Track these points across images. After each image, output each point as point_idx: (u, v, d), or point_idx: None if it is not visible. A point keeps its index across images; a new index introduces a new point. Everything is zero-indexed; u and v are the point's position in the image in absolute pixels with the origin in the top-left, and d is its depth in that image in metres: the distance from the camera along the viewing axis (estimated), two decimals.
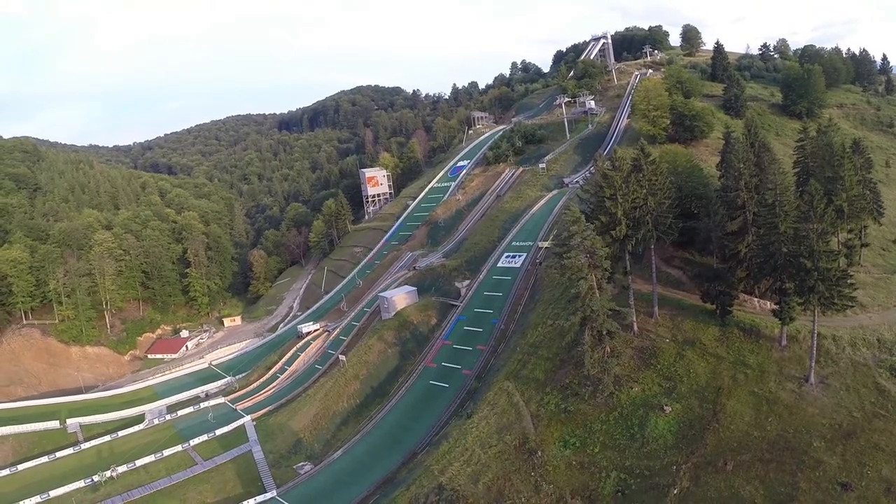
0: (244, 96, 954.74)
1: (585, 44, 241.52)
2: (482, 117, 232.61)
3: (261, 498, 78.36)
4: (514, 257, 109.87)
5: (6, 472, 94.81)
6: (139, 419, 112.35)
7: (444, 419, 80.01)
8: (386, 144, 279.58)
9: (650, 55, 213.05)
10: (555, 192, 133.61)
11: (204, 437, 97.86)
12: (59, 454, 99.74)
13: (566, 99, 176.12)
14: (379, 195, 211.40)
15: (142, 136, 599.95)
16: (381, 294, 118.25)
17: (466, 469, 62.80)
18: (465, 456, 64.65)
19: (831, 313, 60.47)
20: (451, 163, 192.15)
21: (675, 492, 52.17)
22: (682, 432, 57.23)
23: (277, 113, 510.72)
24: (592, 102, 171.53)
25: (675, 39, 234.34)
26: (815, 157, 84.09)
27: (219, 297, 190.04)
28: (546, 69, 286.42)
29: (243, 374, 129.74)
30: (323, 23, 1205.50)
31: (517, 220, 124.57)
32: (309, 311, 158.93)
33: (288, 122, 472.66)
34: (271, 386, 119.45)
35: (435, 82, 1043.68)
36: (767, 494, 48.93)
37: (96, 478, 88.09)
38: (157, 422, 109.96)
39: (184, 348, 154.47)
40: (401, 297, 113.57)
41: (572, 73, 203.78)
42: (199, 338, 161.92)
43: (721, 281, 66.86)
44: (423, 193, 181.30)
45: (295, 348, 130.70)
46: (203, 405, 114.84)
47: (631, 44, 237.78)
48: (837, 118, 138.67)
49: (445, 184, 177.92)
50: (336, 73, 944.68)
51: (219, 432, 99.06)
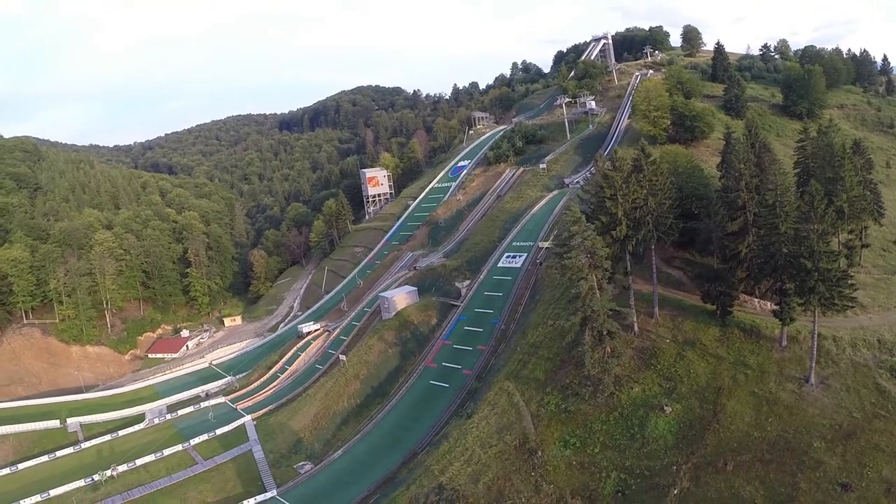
0: (244, 96, 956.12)
1: (586, 44, 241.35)
2: (483, 117, 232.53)
3: (261, 497, 78.43)
4: (514, 257, 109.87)
5: (6, 471, 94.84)
6: (139, 418, 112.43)
7: (445, 419, 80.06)
8: (386, 144, 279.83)
9: (651, 56, 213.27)
10: (555, 192, 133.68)
11: (204, 437, 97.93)
12: (60, 453, 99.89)
13: (567, 99, 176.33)
14: (379, 195, 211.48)
15: (142, 136, 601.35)
16: (382, 294, 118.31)
17: (467, 469, 62.83)
18: (466, 456, 64.68)
19: (832, 314, 60.53)
20: (452, 163, 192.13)
21: (676, 492, 52.20)
22: (682, 432, 57.26)
23: (278, 113, 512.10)
24: (593, 103, 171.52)
25: (675, 40, 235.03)
26: (815, 157, 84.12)
27: (219, 297, 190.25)
28: (547, 69, 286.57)
29: (244, 374, 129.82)
30: (323, 23, 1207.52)
31: (518, 221, 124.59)
32: (309, 310, 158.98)
33: (288, 122, 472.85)
34: (272, 385, 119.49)
35: (435, 82, 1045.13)
36: (768, 495, 48.94)
37: (96, 477, 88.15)
38: (157, 421, 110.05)
39: (184, 348, 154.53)
40: (401, 297, 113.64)
41: (573, 73, 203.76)
42: (199, 337, 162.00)
43: (721, 281, 66.95)
44: (423, 193, 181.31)
45: (295, 348, 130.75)
46: (203, 405, 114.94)
47: (631, 44, 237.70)
48: (838, 119, 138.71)
49: (446, 184, 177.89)
50: (337, 73, 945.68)
51: (219, 432, 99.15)
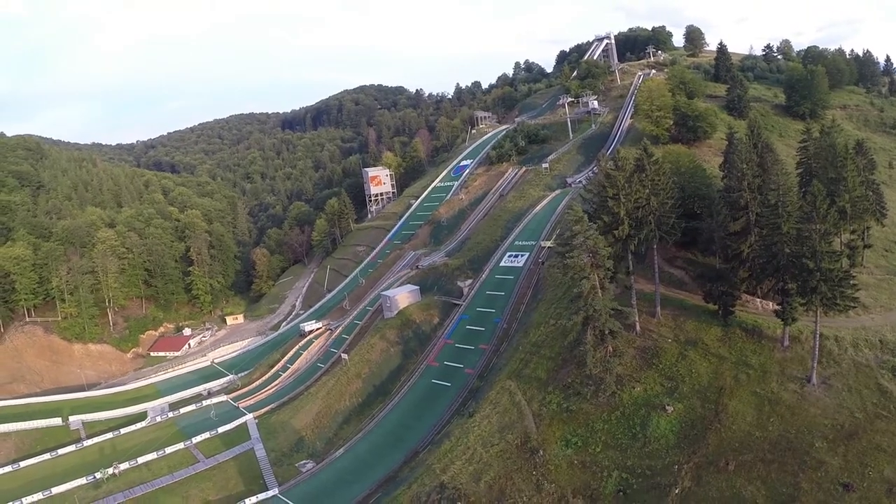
0: (245, 96, 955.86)
1: (589, 44, 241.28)
2: (485, 117, 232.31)
3: (263, 496, 78.49)
4: (516, 257, 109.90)
5: (9, 468, 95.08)
6: (141, 416, 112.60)
7: (447, 418, 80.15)
8: (389, 144, 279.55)
9: (653, 55, 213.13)
10: (558, 191, 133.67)
11: (206, 435, 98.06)
12: (62, 451, 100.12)
13: (569, 99, 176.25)
14: (382, 194, 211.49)
15: (144, 136, 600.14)
16: (384, 293, 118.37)
17: (468, 468, 62.91)
18: (467, 455, 64.77)
19: (834, 314, 60.50)
20: (454, 162, 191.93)
21: (677, 491, 52.22)
22: (683, 432, 57.29)
23: (280, 112, 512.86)
24: (595, 102, 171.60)
25: (678, 40, 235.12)
26: (818, 158, 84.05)
27: (221, 296, 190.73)
28: (549, 69, 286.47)
29: (245, 373, 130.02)
30: (323, 23, 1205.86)
31: (520, 220, 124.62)
32: (311, 309, 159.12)
33: (291, 121, 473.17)
34: (273, 384, 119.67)
35: (438, 82, 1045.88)
36: (769, 495, 48.94)
37: (98, 475, 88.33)
38: (159, 419, 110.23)
39: (186, 346, 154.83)
40: (403, 296, 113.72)
41: (575, 73, 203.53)
42: (201, 336, 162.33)
43: (723, 281, 66.94)
44: (425, 193, 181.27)
45: (297, 347, 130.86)
46: (205, 403, 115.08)
47: (634, 44, 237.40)
48: (840, 119, 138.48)
49: (448, 183, 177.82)
50: (337, 73, 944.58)
51: (221, 430, 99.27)
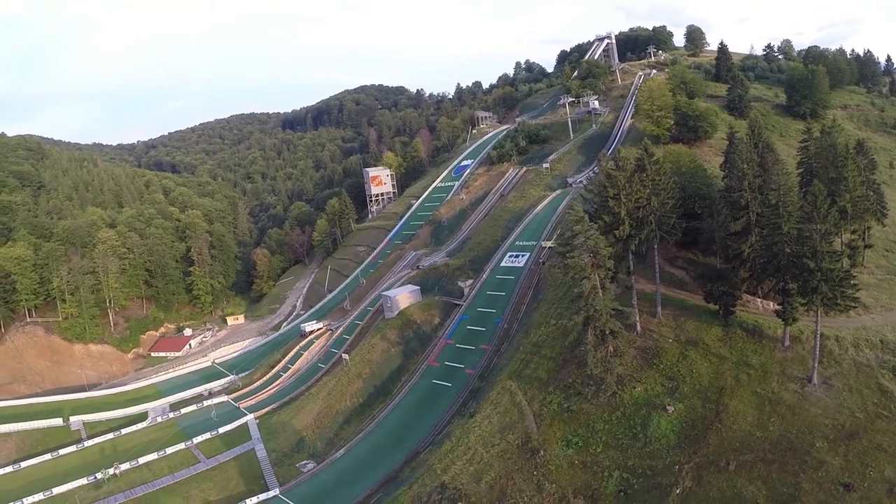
0: (245, 96, 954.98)
1: (589, 44, 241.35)
2: (486, 117, 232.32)
3: (264, 496, 78.59)
4: (517, 257, 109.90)
5: (9, 469, 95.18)
6: (142, 417, 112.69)
7: (447, 418, 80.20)
8: (390, 144, 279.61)
9: (654, 55, 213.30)
10: (558, 191, 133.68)
11: (207, 435, 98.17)
12: (63, 452, 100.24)
13: (570, 99, 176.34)
14: (382, 194, 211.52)
15: (145, 136, 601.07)
16: (385, 293, 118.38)
17: (469, 468, 62.89)
18: (468, 455, 64.76)
19: (834, 314, 60.34)
20: (455, 162, 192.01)
21: (678, 491, 52.17)
22: (684, 432, 57.23)
23: (281, 112, 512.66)
24: (596, 102, 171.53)
25: (679, 40, 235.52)
26: (818, 157, 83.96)
27: (222, 296, 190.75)
28: (550, 69, 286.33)
29: (246, 373, 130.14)
30: (323, 23, 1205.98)
31: (521, 220, 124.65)
32: (312, 309, 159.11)
33: (292, 122, 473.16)
34: (274, 384, 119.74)
35: (438, 82, 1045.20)
36: (770, 494, 48.89)
37: (99, 475, 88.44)
38: (160, 420, 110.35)
39: (187, 346, 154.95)
40: (404, 297, 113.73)
41: (576, 73, 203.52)
42: (202, 336, 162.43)
43: (724, 281, 66.85)
44: (426, 193, 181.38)
45: (298, 347, 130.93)
46: (206, 403, 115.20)
47: (635, 44, 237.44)
48: (841, 119, 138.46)
49: (449, 183, 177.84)
50: (337, 73, 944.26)
51: (222, 430, 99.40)
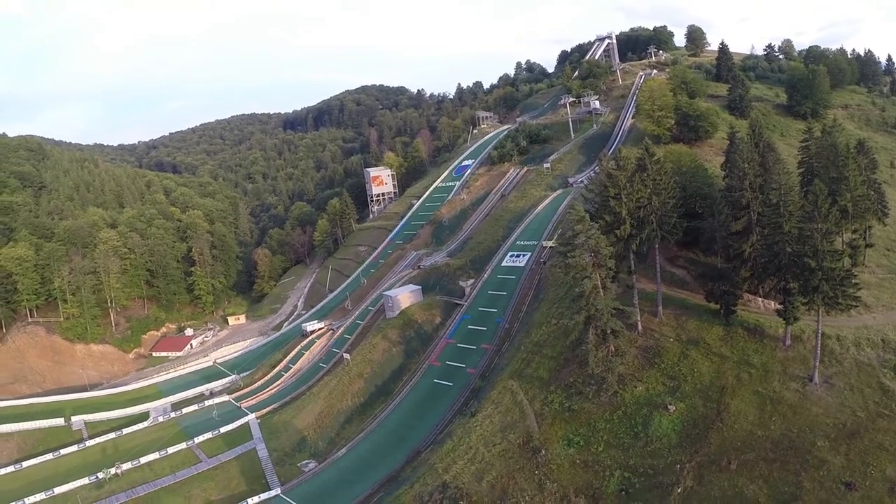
0: (246, 96, 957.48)
1: (590, 44, 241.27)
2: (487, 117, 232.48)
3: (265, 495, 78.70)
4: (518, 256, 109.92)
5: (11, 468, 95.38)
6: (144, 417, 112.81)
7: (449, 418, 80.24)
8: (390, 144, 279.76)
9: (655, 55, 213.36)
10: (559, 191, 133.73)
11: (208, 435, 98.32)
12: (64, 451, 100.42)
13: (571, 99, 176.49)
14: (383, 194, 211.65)
15: (143, 136, 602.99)
16: (386, 293, 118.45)
17: (470, 467, 62.93)
18: (469, 454, 64.80)
19: (835, 313, 60.52)
20: (456, 162, 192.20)
21: (679, 491, 52.20)
22: (685, 431, 57.27)
23: (282, 112, 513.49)
24: (597, 102, 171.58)
25: (679, 40, 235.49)
26: (819, 157, 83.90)
27: (223, 296, 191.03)
28: (551, 69, 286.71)
29: (248, 373, 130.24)
30: (323, 23, 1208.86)
31: (522, 220, 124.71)
32: (313, 309, 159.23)
33: (293, 122, 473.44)
34: (276, 384, 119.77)
35: (438, 82, 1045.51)
36: (771, 494, 48.93)
37: (101, 475, 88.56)
38: (161, 419, 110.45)
39: (188, 346, 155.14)
40: (405, 296, 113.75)
41: (577, 73, 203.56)
42: (203, 336, 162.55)
43: (725, 280, 66.87)
44: (427, 193, 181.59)
45: (299, 347, 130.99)
46: (207, 403, 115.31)
47: (636, 44, 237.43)
48: (842, 119, 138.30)
49: (450, 183, 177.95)
50: (337, 73, 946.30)
51: (223, 430, 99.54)
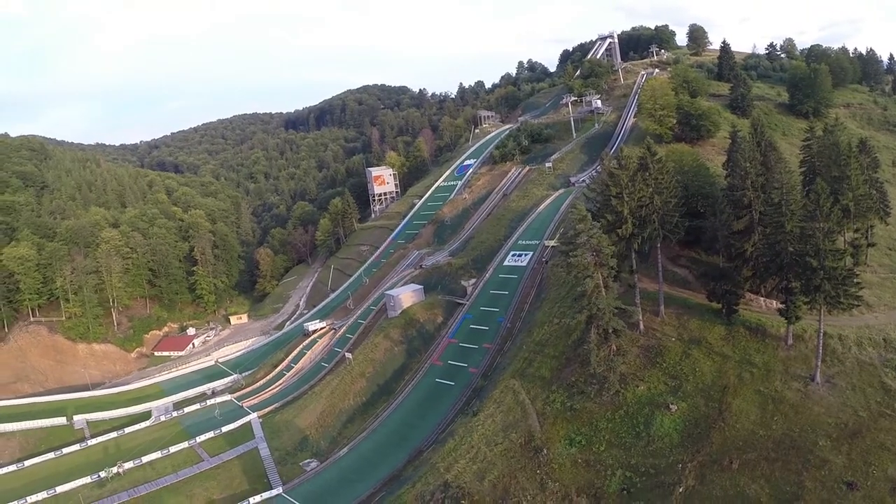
0: (246, 96, 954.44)
1: (592, 43, 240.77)
2: (488, 116, 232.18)
3: (267, 494, 78.81)
4: (520, 256, 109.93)
5: (13, 467, 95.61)
6: (146, 416, 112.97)
7: (450, 417, 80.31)
8: (392, 143, 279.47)
9: (656, 55, 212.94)
10: (561, 190, 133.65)
11: (210, 434, 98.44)
12: (66, 450, 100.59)
13: (572, 98, 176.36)
14: (385, 194, 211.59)
15: (147, 136, 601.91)
16: (388, 292, 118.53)
17: (472, 466, 62.95)
18: (471, 453, 64.80)
19: (837, 312, 60.48)
20: (458, 162, 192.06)
21: (681, 490, 52.21)
22: (687, 431, 57.28)
23: (284, 112, 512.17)
24: (599, 102, 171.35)
25: (681, 39, 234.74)
26: (821, 156, 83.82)
27: (225, 295, 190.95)
28: (552, 69, 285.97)
29: (250, 372, 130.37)
30: (323, 23, 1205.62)
31: (524, 219, 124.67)
32: (315, 309, 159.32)
33: (294, 121, 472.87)
34: (278, 383, 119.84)
35: (439, 82, 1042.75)
36: (773, 493, 48.93)
37: (103, 474, 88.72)
38: (163, 418, 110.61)
39: (190, 346, 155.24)
40: (407, 296, 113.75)
41: (579, 72, 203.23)
42: (205, 335, 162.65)
43: (727, 280, 66.84)
44: (429, 192, 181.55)
45: (301, 346, 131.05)
46: (209, 402, 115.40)
47: (637, 43, 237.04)
48: (844, 118, 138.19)
49: (452, 182, 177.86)
50: (340, 72, 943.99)
51: (225, 429, 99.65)
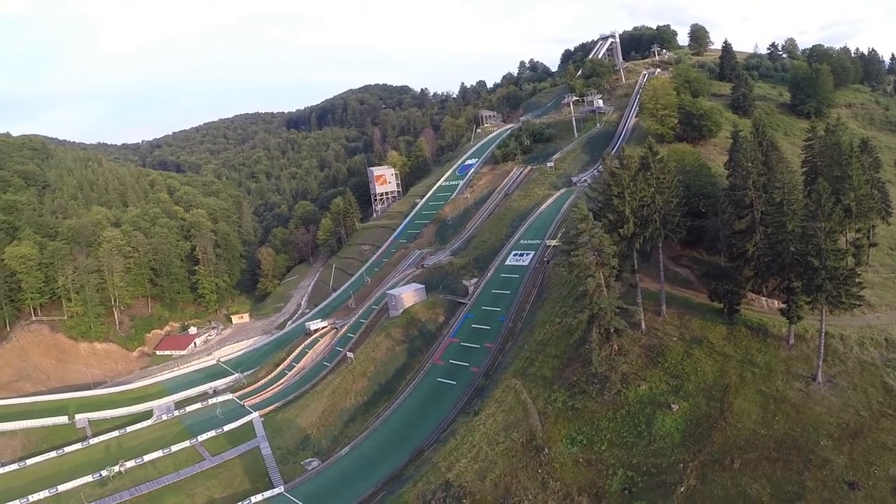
0: (247, 96, 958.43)
1: (593, 43, 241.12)
2: (490, 116, 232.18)
3: (268, 493, 78.78)
4: (522, 255, 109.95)
5: (15, 466, 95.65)
6: (147, 415, 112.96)
7: (452, 416, 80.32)
8: (394, 143, 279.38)
9: (658, 54, 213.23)
10: (563, 190, 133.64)
11: (212, 433, 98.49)
12: (68, 449, 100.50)
13: (574, 98, 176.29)
14: (387, 193, 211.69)
15: (149, 135, 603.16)
16: (389, 292, 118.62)
17: (474, 466, 63.02)
18: (473, 453, 64.87)
19: (839, 312, 60.41)
20: (460, 161, 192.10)
21: (682, 490, 52.24)
22: (689, 430, 57.30)
23: (285, 112, 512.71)
24: (601, 101, 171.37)
25: (683, 39, 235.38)
26: (823, 156, 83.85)
27: (227, 295, 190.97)
28: (554, 68, 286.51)
29: (251, 371, 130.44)
30: (323, 23, 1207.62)
31: (525, 219, 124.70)
32: (317, 308, 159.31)
33: (296, 121, 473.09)
34: (279, 383, 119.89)
35: (440, 82, 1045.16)
36: (774, 493, 48.94)
37: (104, 473, 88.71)
38: (165, 417, 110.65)
39: (192, 345, 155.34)
40: (409, 295, 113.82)
41: (580, 72, 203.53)
42: (207, 335, 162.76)
43: (729, 280, 66.86)
44: (431, 192, 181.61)
45: (303, 345, 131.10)
46: (211, 401, 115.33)
47: (639, 43, 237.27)
48: (846, 118, 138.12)
49: (453, 182, 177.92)
50: (341, 72, 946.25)
51: (227, 428, 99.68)
